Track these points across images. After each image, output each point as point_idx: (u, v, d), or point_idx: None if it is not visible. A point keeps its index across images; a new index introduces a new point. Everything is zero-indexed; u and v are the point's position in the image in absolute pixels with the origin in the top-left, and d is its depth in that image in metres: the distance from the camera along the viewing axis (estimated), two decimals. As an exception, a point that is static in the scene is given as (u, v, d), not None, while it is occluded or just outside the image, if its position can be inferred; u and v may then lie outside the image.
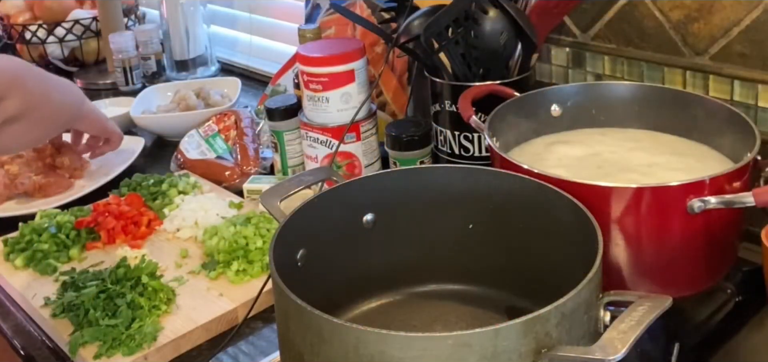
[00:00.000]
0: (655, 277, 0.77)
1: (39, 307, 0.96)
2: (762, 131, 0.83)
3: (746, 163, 0.76)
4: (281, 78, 1.48)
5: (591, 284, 0.59)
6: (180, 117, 1.50)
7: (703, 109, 0.91)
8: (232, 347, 0.90)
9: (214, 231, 1.06)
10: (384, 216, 0.80)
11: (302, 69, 1.14)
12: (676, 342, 0.78)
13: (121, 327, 0.88)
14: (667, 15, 1.01)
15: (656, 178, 0.84)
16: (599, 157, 0.90)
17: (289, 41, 1.69)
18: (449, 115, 1.06)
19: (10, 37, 1.98)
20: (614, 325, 0.56)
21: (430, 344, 0.55)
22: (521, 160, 0.82)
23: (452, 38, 1.02)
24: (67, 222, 1.12)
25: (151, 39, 1.85)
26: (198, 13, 1.85)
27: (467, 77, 1.03)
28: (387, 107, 1.31)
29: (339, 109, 1.13)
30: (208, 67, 1.88)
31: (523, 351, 0.55)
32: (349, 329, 0.57)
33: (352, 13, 1.18)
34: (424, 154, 1.10)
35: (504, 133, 0.92)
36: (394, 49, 1.11)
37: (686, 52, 1.00)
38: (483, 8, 1.01)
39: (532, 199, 0.75)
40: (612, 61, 1.09)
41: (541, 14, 1.04)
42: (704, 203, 0.72)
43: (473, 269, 0.81)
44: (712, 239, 0.77)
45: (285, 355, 0.66)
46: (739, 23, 0.94)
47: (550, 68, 1.17)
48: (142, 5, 2.10)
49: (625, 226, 0.75)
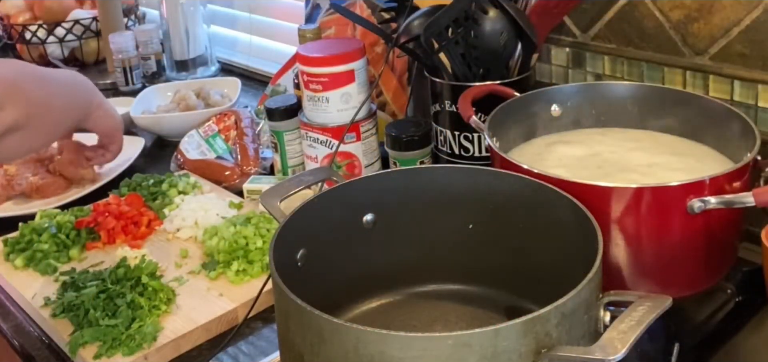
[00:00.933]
0: (655, 277, 0.77)
1: (39, 307, 0.96)
2: (762, 131, 0.83)
3: (746, 163, 0.76)
4: (281, 78, 1.48)
5: (591, 284, 0.59)
6: (180, 117, 1.50)
7: (703, 109, 0.91)
8: (232, 347, 0.90)
9: (214, 231, 1.06)
10: (384, 217, 0.80)
11: (302, 69, 1.14)
12: (676, 342, 0.78)
13: (121, 327, 0.88)
14: (667, 15, 1.01)
15: (656, 178, 0.84)
16: (599, 157, 0.90)
17: (289, 41, 1.69)
18: (449, 115, 1.06)
19: (10, 37, 1.98)
20: (614, 325, 0.56)
21: (430, 344, 0.55)
22: (521, 160, 0.82)
23: (452, 38, 1.02)
24: (67, 222, 1.12)
25: (151, 39, 1.85)
26: (198, 13, 1.85)
27: (467, 77, 1.03)
28: (387, 107, 1.31)
29: (339, 109, 1.13)
30: (208, 67, 1.88)
31: (523, 351, 0.55)
32: (349, 329, 0.57)
33: (352, 13, 1.18)
34: (424, 154, 1.10)
35: (504, 133, 0.92)
36: (394, 49, 1.11)
37: (686, 52, 1.00)
38: (483, 8, 1.01)
39: (532, 199, 0.75)
40: (612, 61, 1.09)
41: (541, 14, 1.04)
42: (704, 203, 0.72)
43: (473, 269, 0.81)
44: (712, 239, 0.77)
45: (285, 355, 0.66)
46: (739, 23, 0.94)
47: (550, 68, 1.17)
48: (142, 5, 2.10)
49: (625, 226, 0.75)
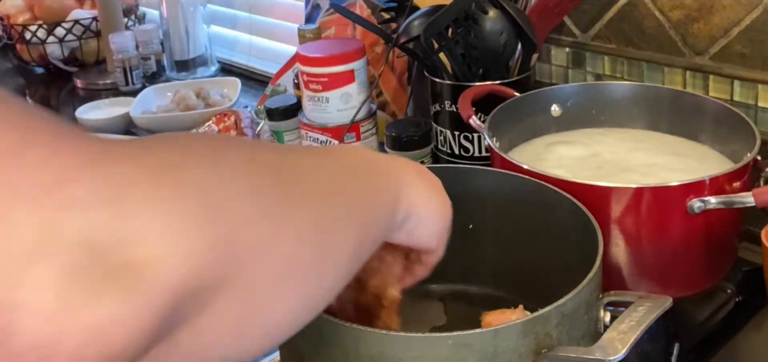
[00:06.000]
0: (655, 277, 0.77)
1: (39, 307, 0.96)
2: (762, 131, 0.83)
3: (746, 163, 0.76)
4: (281, 78, 1.48)
5: (591, 284, 0.59)
6: (180, 117, 1.50)
7: (703, 109, 0.91)
8: (232, 347, 0.90)
9: (214, 231, 1.06)
10: (384, 217, 0.80)
11: (302, 69, 1.14)
12: (676, 342, 0.78)
13: (121, 327, 0.87)
14: (667, 15, 1.01)
15: (656, 178, 0.84)
16: (599, 157, 0.90)
17: (289, 41, 1.68)
18: (449, 115, 1.06)
19: (10, 37, 1.98)
20: (614, 326, 0.56)
21: (429, 344, 0.55)
22: (521, 160, 0.82)
23: (452, 38, 1.01)
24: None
25: (151, 39, 1.85)
26: (198, 13, 1.84)
27: (467, 77, 1.03)
28: (387, 107, 1.30)
29: (339, 109, 1.13)
30: (208, 67, 1.88)
31: (523, 352, 0.55)
32: (349, 329, 0.57)
33: (352, 13, 1.18)
34: (424, 154, 1.10)
35: (504, 133, 0.92)
36: (394, 49, 1.11)
37: (686, 52, 1.00)
38: (483, 8, 1.01)
39: (532, 199, 0.75)
40: (612, 61, 1.09)
41: (541, 14, 1.04)
42: (704, 203, 0.72)
43: (473, 269, 0.81)
44: (712, 239, 0.77)
45: (285, 355, 0.66)
46: (739, 23, 0.94)
47: (550, 68, 1.17)
48: (142, 5, 2.10)
49: (625, 226, 0.75)
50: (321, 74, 1.12)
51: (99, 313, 0.30)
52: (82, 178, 0.31)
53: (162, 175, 0.34)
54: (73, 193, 0.30)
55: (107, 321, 0.30)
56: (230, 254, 0.35)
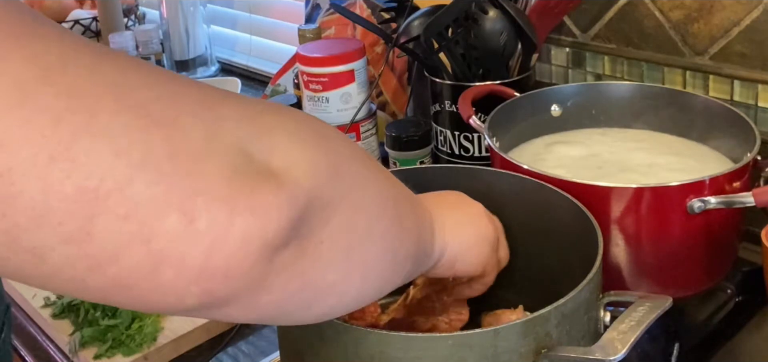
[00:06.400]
0: (655, 277, 0.77)
1: (39, 307, 0.96)
2: (762, 131, 0.83)
3: (746, 163, 0.76)
4: (281, 78, 1.48)
5: (591, 284, 0.59)
6: (180, 117, 1.50)
7: (703, 109, 0.91)
8: (232, 347, 0.90)
9: (214, 231, 1.06)
10: (384, 217, 0.80)
11: (302, 69, 1.14)
12: (676, 342, 0.78)
13: (121, 328, 0.88)
14: (667, 15, 1.01)
15: (656, 178, 0.84)
16: (599, 157, 0.90)
17: (289, 41, 1.68)
18: (449, 115, 1.06)
19: (10, 37, 1.98)
20: (614, 326, 0.56)
21: (430, 344, 0.55)
22: (521, 160, 0.82)
23: (452, 38, 1.01)
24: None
25: (151, 39, 1.85)
26: (198, 13, 1.84)
27: (467, 77, 1.03)
28: (387, 107, 1.30)
29: (339, 109, 1.13)
30: (208, 67, 1.88)
31: (523, 352, 0.55)
32: (349, 329, 0.57)
33: (352, 13, 1.18)
34: (424, 154, 1.10)
35: (504, 133, 0.92)
36: (394, 49, 1.11)
37: (686, 52, 1.00)
38: (483, 8, 1.01)
39: (532, 199, 0.75)
40: (612, 61, 1.09)
41: (541, 14, 1.04)
42: (704, 203, 0.72)
43: (473, 269, 0.81)
44: (712, 239, 0.77)
45: (285, 355, 0.66)
46: (739, 23, 0.94)
47: (550, 68, 1.17)
48: (142, 5, 2.10)
49: (625, 226, 0.75)
50: (321, 74, 1.12)
51: (260, 199, 0.37)
52: (227, 103, 0.39)
53: (283, 109, 0.43)
54: (223, 113, 0.38)
55: (266, 207, 0.37)
56: (340, 179, 0.43)
